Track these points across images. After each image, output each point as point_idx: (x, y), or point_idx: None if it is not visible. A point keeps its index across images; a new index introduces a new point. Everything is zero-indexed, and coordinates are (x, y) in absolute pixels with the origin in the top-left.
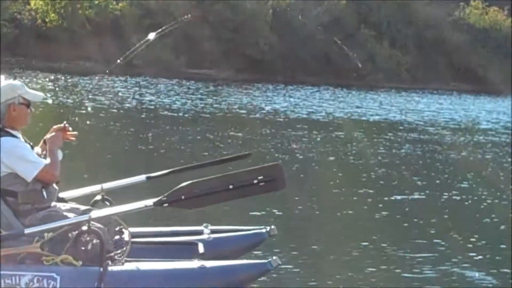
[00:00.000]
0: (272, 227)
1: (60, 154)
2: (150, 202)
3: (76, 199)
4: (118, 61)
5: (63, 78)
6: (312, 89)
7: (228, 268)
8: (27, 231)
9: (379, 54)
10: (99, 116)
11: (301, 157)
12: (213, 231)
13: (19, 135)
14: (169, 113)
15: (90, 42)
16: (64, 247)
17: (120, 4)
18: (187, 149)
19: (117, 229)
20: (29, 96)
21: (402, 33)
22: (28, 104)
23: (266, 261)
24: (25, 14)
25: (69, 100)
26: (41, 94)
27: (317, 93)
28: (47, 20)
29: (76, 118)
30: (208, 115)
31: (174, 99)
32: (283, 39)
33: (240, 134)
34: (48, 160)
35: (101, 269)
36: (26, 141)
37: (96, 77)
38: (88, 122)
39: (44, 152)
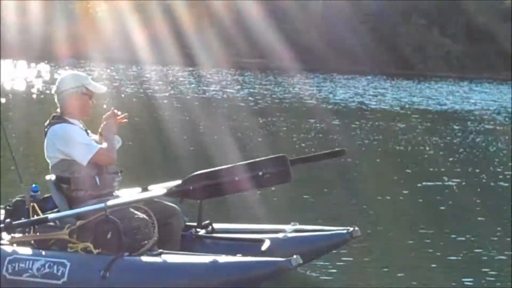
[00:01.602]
0: (356, 228)
1: (118, 141)
2: (162, 191)
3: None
4: None
5: (113, 67)
6: (362, 79)
7: (243, 265)
8: (50, 217)
9: (429, 43)
10: (166, 107)
11: (379, 149)
12: (297, 230)
13: (79, 124)
14: (243, 104)
15: (142, 31)
16: (90, 235)
17: None
18: (276, 141)
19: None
20: (92, 87)
21: (452, 21)
22: (90, 95)
23: (285, 259)
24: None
25: (128, 90)
26: (104, 87)
27: (369, 82)
28: (98, 9)
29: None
30: (282, 105)
31: (240, 88)
32: (333, 28)
33: (318, 125)
34: (104, 145)
35: (111, 258)
36: (86, 131)
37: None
38: (163, 113)
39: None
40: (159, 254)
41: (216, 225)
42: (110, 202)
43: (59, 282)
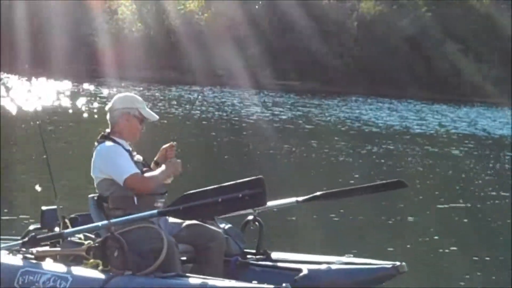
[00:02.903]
0: (403, 263)
1: (169, 181)
2: (155, 212)
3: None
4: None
5: (151, 87)
6: (397, 102)
7: None
8: (65, 232)
9: (465, 68)
10: (209, 129)
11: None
12: (345, 263)
13: (126, 145)
14: (289, 126)
15: (174, 52)
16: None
17: (205, 15)
18: (328, 169)
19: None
20: (145, 112)
21: (488, 47)
22: (141, 119)
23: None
24: (112, 24)
25: (174, 112)
26: (156, 116)
27: (407, 106)
28: (133, 29)
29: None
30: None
31: (284, 111)
32: (367, 51)
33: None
34: (149, 173)
35: (109, 276)
36: (131, 151)
37: (198, 88)
38: (214, 135)
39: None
40: (170, 277)
41: (275, 254)
42: (114, 220)
43: None
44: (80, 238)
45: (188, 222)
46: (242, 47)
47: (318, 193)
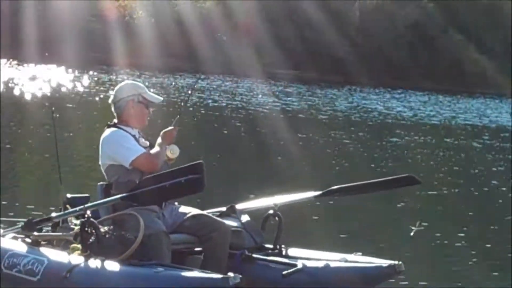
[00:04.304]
0: (400, 262)
1: (174, 151)
2: (118, 197)
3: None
4: None
5: (145, 74)
6: (401, 92)
7: (180, 278)
8: (54, 216)
9: (466, 58)
10: (212, 116)
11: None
12: (347, 260)
13: (135, 132)
14: (298, 116)
15: (176, 39)
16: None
17: (207, 2)
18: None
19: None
20: (149, 96)
21: (489, 37)
22: (146, 104)
23: (222, 277)
24: (113, 10)
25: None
26: (160, 97)
27: (407, 96)
28: (135, 16)
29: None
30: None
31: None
32: (368, 41)
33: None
34: (152, 150)
35: (77, 260)
36: (140, 138)
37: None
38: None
39: None
40: (145, 265)
41: (291, 250)
42: (88, 205)
43: (35, 279)
44: (75, 224)
45: (194, 212)
46: (247, 36)
47: (333, 188)
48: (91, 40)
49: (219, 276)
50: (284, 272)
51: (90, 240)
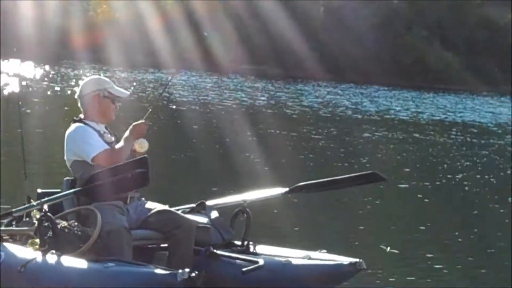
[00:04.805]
0: (361, 260)
1: (145, 144)
2: (71, 191)
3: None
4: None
5: (106, 69)
6: (361, 88)
7: (132, 274)
8: (14, 210)
9: (430, 55)
10: (184, 112)
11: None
12: (310, 258)
13: (100, 127)
14: (263, 111)
15: (137, 35)
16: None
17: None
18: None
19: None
20: (115, 91)
21: (453, 34)
22: (113, 99)
23: (170, 272)
24: (77, 4)
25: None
26: (127, 91)
27: (372, 92)
28: (98, 11)
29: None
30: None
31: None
32: (333, 38)
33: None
34: (117, 145)
35: (32, 255)
36: (112, 135)
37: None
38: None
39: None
40: (101, 261)
41: (259, 247)
42: (45, 199)
43: None
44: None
45: (159, 207)
46: (210, 30)
47: (300, 184)
48: (57, 35)
49: (167, 271)
50: (244, 269)
51: (48, 234)
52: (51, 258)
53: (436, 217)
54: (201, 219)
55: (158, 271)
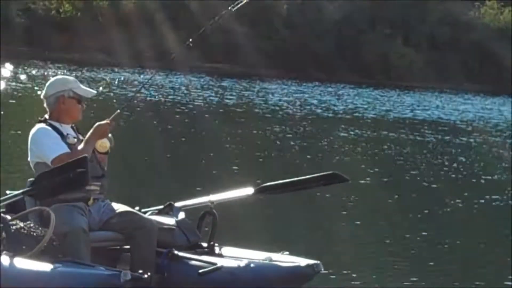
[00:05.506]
0: (318, 262)
1: (106, 144)
2: (20, 192)
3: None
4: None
5: (81, 70)
6: (325, 86)
7: (77, 275)
8: None
9: (392, 52)
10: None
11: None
12: (271, 260)
13: (67, 128)
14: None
15: (103, 34)
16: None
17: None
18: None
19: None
20: (80, 91)
21: (415, 31)
22: (79, 99)
23: (112, 273)
24: (39, 4)
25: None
26: (93, 90)
27: (331, 90)
28: (61, 10)
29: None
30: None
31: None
32: (296, 35)
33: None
34: (79, 147)
35: None
36: (77, 135)
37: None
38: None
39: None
40: (56, 261)
41: (224, 249)
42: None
43: None
44: None
45: (122, 209)
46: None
47: (264, 185)
48: (22, 34)
49: (110, 272)
50: (201, 271)
51: (2, 236)
52: (4, 259)
53: (399, 216)
54: (168, 221)
55: (102, 271)
